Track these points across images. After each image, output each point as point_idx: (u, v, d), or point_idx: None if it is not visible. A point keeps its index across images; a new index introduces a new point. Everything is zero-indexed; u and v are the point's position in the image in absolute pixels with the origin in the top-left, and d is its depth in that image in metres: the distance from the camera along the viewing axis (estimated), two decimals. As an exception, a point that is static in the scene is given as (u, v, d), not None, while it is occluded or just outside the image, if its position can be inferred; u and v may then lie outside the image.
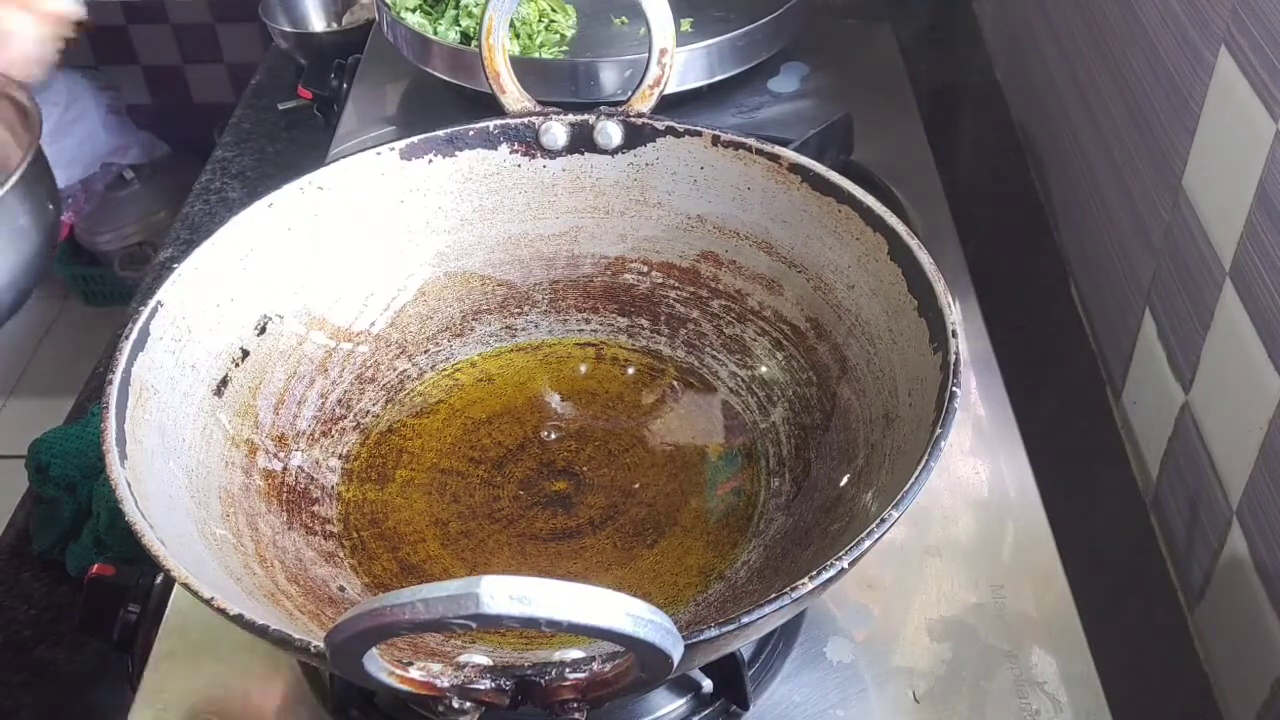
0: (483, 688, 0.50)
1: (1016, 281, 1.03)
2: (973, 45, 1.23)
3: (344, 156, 0.79)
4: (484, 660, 0.52)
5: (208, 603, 0.53)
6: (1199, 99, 0.70)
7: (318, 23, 1.54)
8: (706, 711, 0.67)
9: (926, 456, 0.57)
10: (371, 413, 0.78)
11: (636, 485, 0.73)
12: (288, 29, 1.49)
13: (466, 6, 1.15)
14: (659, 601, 0.66)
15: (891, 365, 0.68)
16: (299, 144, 1.35)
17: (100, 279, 2.24)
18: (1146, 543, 0.79)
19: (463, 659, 0.51)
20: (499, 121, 0.80)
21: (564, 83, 1.10)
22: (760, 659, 0.69)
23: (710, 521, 0.71)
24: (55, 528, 1.01)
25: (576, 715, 0.52)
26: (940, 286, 0.65)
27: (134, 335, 0.66)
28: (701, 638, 0.50)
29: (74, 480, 1.01)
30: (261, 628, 0.51)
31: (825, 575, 0.52)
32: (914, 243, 0.68)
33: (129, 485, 0.58)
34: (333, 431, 0.76)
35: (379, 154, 0.78)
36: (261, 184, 0.83)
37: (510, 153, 0.80)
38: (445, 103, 1.15)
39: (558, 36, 1.16)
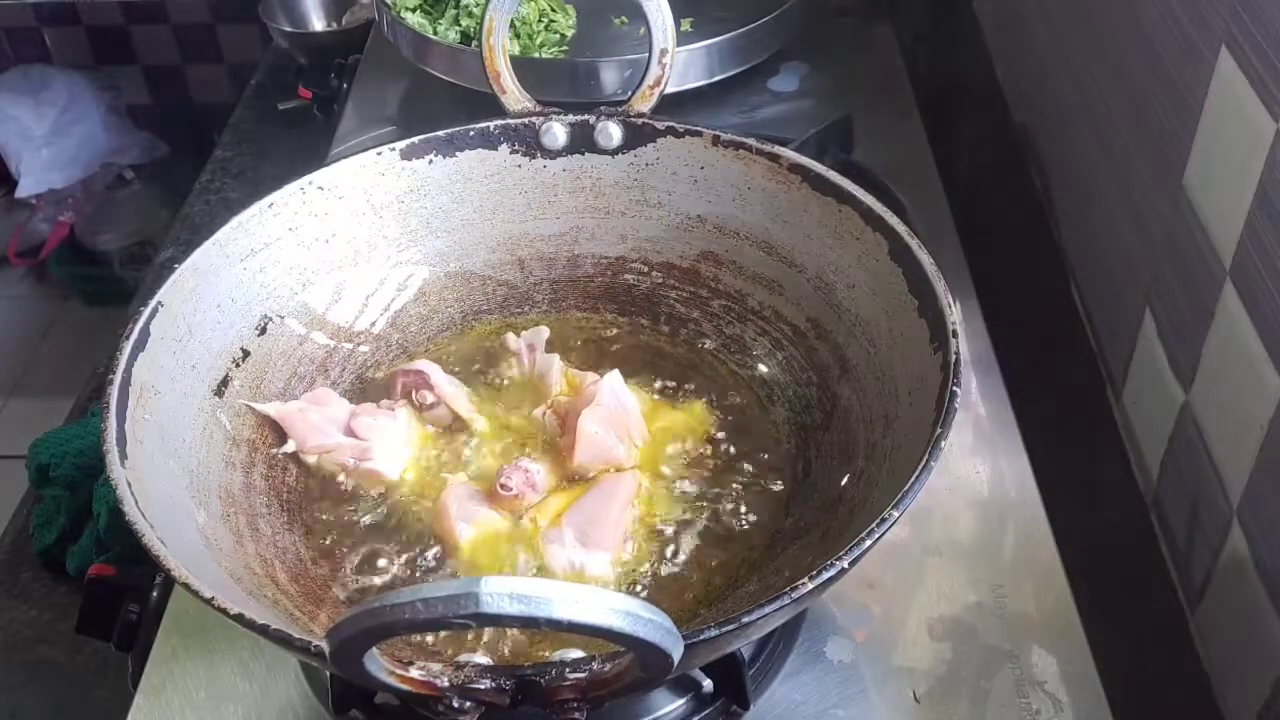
0: (483, 687, 0.50)
1: (1016, 281, 1.03)
2: (973, 45, 1.23)
3: (344, 156, 0.79)
4: (484, 660, 0.52)
5: (208, 603, 0.53)
6: (1199, 99, 0.70)
7: (318, 23, 1.54)
8: (707, 711, 0.67)
9: (926, 456, 0.57)
10: (371, 413, 0.78)
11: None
12: (288, 29, 1.50)
13: (466, 6, 1.15)
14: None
15: (892, 365, 0.68)
16: (299, 144, 1.35)
17: (100, 279, 2.24)
18: (1146, 543, 0.79)
19: (463, 659, 0.52)
20: (499, 121, 0.80)
21: (564, 83, 1.10)
22: (761, 659, 0.69)
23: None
24: (55, 528, 1.01)
25: (576, 715, 0.52)
26: (940, 286, 0.65)
27: (134, 335, 0.66)
28: (701, 637, 0.50)
29: (74, 480, 1.01)
30: (262, 627, 0.51)
31: (825, 575, 0.52)
32: (914, 243, 0.68)
33: (129, 485, 0.58)
34: (333, 431, 0.76)
35: (379, 154, 0.78)
36: (261, 184, 0.83)
37: (510, 153, 0.80)
38: (445, 103, 1.16)
39: (558, 36, 1.16)
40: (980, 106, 1.20)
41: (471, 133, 0.80)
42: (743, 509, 0.70)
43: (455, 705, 0.51)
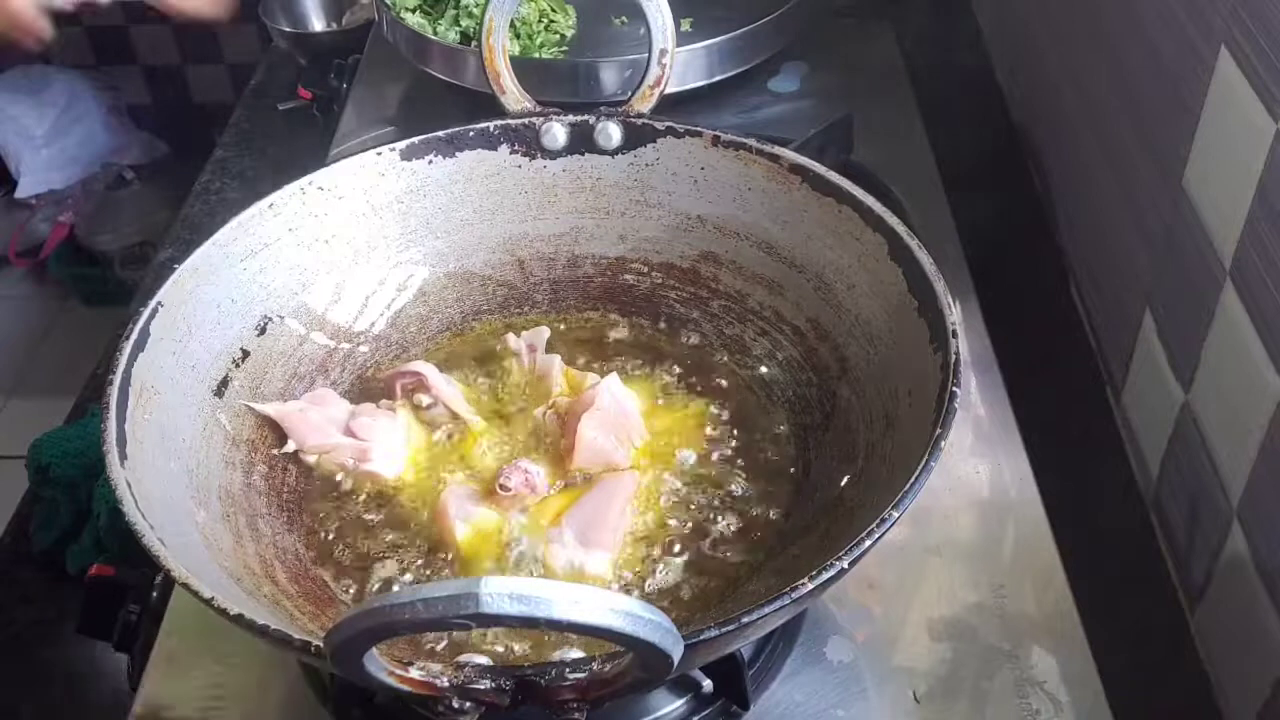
0: (483, 688, 0.50)
1: (1016, 281, 1.03)
2: (973, 45, 1.23)
3: (344, 156, 0.79)
4: (484, 660, 0.52)
5: (208, 603, 0.53)
6: (1199, 99, 0.70)
7: (318, 23, 1.54)
8: (707, 711, 0.67)
9: (926, 456, 0.57)
10: (371, 413, 0.78)
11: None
12: (288, 29, 1.49)
13: (466, 6, 1.15)
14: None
15: (891, 365, 0.68)
16: (299, 144, 1.35)
17: (100, 279, 2.24)
18: (1146, 543, 0.79)
19: (463, 659, 0.51)
20: (499, 122, 0.80)
21: (564, 83, 1.10)
22: (761, 659, 0.69)
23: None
24: (55, 528, 1.01)
25: (576, 715, 0.52)
26: (940, 286, 0.65)
27: (134, 335, 0.66)
28: (701, 638, 0.50)
29: (74, 480, 1.01)
30: (262, 628, 0.51)
31: (825, 575, 0.52)
32: (914, 243, 0.68)
33: (129, 485, 0.58)
34: (333, 431, 0.76)
35: (379, 154, 0.78)
36: (261, 184, 0.83)
37: (510, 153, 0.80)
38: (445, 103, 1.16)
39: (558, 36, 1.16)
40: (980, 106, 1.20)
41: (471, 133, 0.80)
42: (742, 509, 0.70)
43: (455, 705, 0.51)
